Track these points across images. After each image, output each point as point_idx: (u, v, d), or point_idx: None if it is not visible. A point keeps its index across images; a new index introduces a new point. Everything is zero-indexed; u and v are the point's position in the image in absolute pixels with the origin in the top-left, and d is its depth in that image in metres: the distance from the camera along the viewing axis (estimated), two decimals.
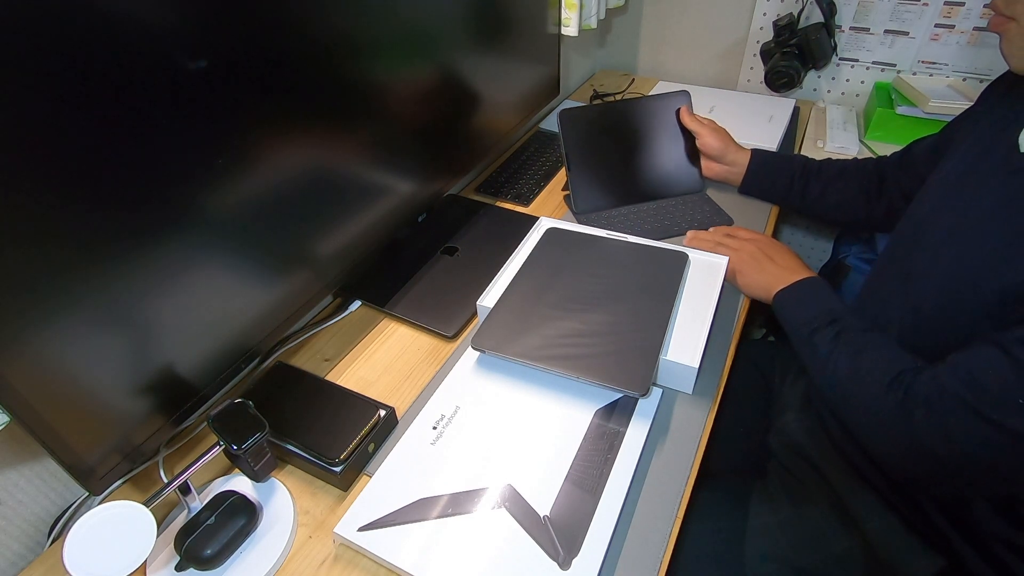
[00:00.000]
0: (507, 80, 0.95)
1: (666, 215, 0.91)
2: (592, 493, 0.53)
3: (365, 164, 0.70)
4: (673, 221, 0.89)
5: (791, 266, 0.74)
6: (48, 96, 0.38)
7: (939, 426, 0.50)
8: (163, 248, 0.48)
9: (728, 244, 0.80)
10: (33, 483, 0.56)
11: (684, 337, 0.65)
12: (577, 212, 0.92)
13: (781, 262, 0.74)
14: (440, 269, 0.83)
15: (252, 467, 0.55)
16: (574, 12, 1.08)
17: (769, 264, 0.74)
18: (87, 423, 0.47)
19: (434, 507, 0.53)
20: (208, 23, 0.47)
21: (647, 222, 0.89)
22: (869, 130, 1.14)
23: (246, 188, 0.55)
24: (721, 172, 0.95)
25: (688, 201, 0.94)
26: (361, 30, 0.63)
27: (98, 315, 0.45)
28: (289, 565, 0.53)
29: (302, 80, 0.57)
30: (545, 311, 0.67)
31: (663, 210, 0.92)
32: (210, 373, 0.57)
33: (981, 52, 1.15)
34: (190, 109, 0.47)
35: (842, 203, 0.87)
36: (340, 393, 0.64)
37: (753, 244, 0.78)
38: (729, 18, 1.33)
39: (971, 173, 0.61)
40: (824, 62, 1.24)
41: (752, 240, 0.79)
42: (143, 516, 0.46)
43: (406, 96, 0.74)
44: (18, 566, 0.56)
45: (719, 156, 0.93)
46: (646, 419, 0.60)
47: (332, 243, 0.68)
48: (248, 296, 0.59)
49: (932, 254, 0.60)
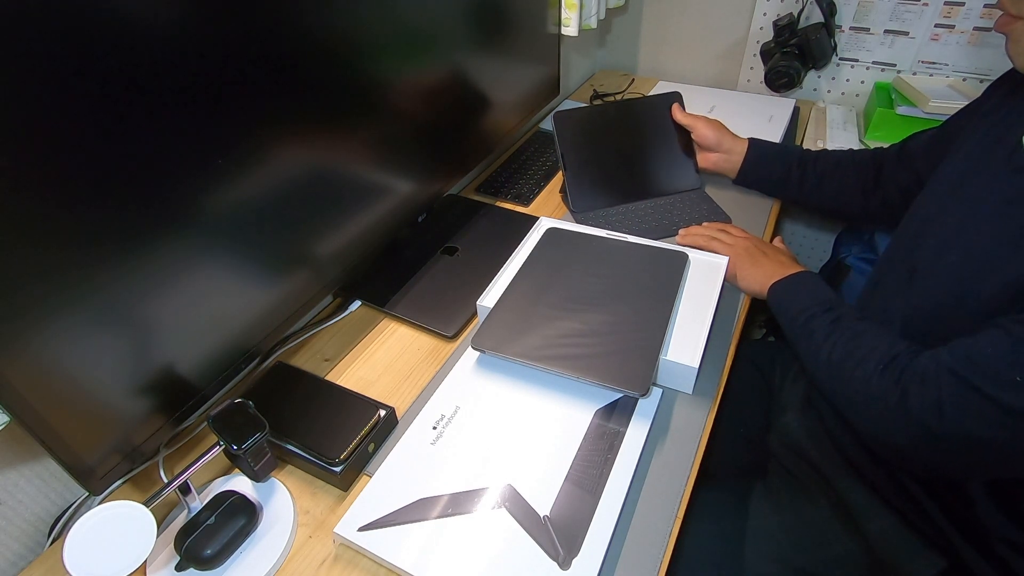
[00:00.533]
0: (507, 80, 0.95)
1: (664, 213, 0.91)
2: (592, 493, 0.53)
3: (365, 164, 0.70)
4: (671, 219, 0.89)
5: (785, 261, 0.75)
6: (48, 95, 0.38)
7: (933, 401, 0.50)
8: (163, 248, 0.48)
9: (722, 239, 0.80)
10: (33, 483, 0.56)
11: (684, 337, 0.65)
12: (574, 211, 0.92)
13: (775, 257, 0.75)
14: (440, 269, 0.83)
15: (252, 467, 0.55)
16: (574, 12, 1.08)
17: (763, 258, 0.75)
18: (87, 423, 0.47)
19: (434, 507, 0.53)
20: (210, 22, 0.47)
21: (645, 220, 0.89)
22: (869, 130, 1.14)
23: (246, 188, 0.55)
24: (718, 161, 0.94)
25: (686, 199, 0.94)
26: (361, 30, 0.63)
27: (98, 315, 0.45)
28: (289, 565, 0.53)
29: (302, 80, 0.57)
30: (545, 311, 0.67)
31: (660, 208, 0.92)
32: (210, 373, 0.57)
33: (981, 52, 1.15)
34: (190, 108, 0.47)
35: (839, 193, 0.87)
36: (340, 393, 0.64)
37: (747, 240, 0.79)
38: (729, 18, 1.33)
39: (975, 171, 0.61)
40: (824, 62, 1.24)
41: (746, 237, 0.80)
42: (143, 516, 0.46)
43: (406, 96, 0.74)
44: (18, 566, 0.56)
45: (715, 145, 0.93)
46: (646, 419, 0.60)
47: (332, 243, 0.68)
48: (248, 296, 0.59)
49: (936, 251, 0.60)
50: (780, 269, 0.72)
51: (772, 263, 0.74)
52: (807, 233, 1.48)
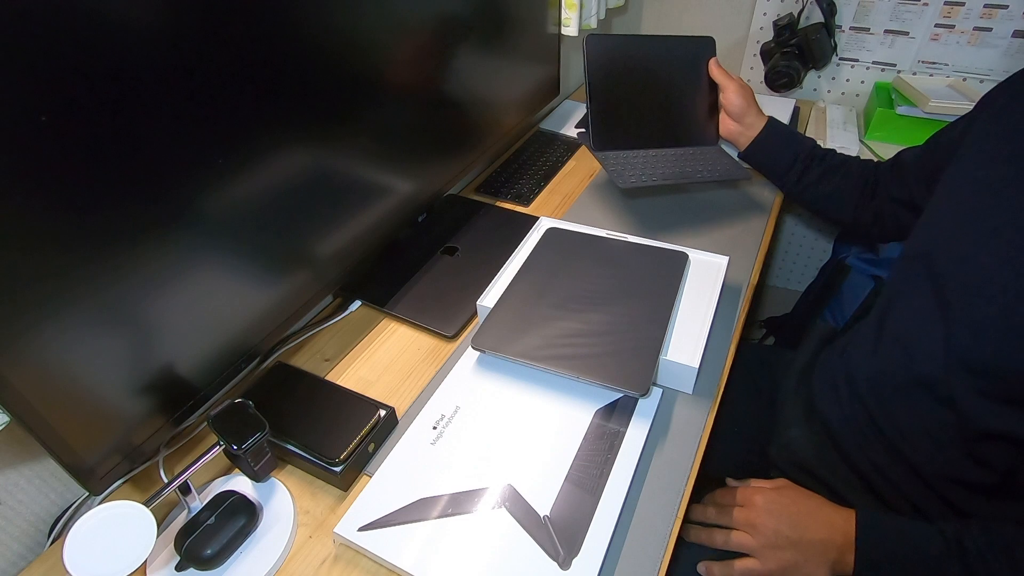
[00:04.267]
0: (507, 80, 0.95)
1: (686, 162, 0.87)
2: (592, 493, 0.53)
3: (365, 164, 0.70)
4: (694, 168, 0.86)
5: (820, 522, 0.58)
6: (47, 95, 0.38)
7: None
8: (163, 248, 0.48)
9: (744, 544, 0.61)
10: (33, 483, 0.56)
11: (684, 337, 0.65)
12: (595, 148, 0.87)
13: (808, 543, 0.58)
14: (440, 269, 0.83)
15: (252, 467, 0.55)
16: (574, 12, 1.08)
17: (799, 551, 0.58)
18: (87, 423, 0.47)
19: (434, 507, 0.53)
20: (211, 21, 0.47)
21: (668, 166, 0.85)
22: (869, 130, 1.14)
23: (246, 188, 0.55)
24: (735, 131, 0.91)
25: (704, 153, 0.91)
26: (362, 30, 0.63)
27: (98, 315, 0.45)
28: (289, 565, 0.53)
29: (302, 80, 0.57)
30: (545, 311, 0.67)
31: (682, 158, 0.88)
32: (210, 373, 0.57)
33: (981, 52, 1.15)
34: (191, 108, 0.47)
35: (834, 195, 0.86)
36: (340, 393, 0.64)
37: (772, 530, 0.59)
38: (729, 18, 1.33)
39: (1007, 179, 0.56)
40: (824, 62, 1.24)
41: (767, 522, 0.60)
42: (143, 516, 0.46)
43: (406, 96, 0.74)
44: (18, 566, 0.56)
45: (739, 115, 0.89)
46: (646, 419, 0.60)
47: (332, 243, 0.68)
48: (248, 296, 0.59)
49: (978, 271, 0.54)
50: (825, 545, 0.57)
51: (810, 546, 0.57)
52: (807, 233, 1.48)
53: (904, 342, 0.61)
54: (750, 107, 0.89)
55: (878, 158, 1.09)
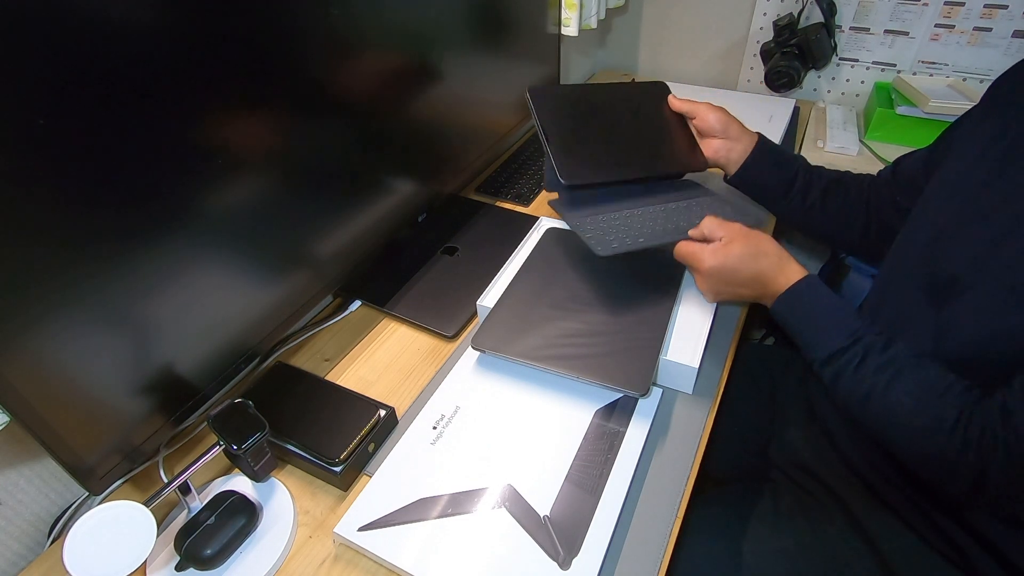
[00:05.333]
0: (507, 80, 0.95)
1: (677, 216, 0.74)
2: (592, 493, 0.53)
3: (365, 164, 0.70)
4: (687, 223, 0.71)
5: (767, 269, 0.62)
6: (46, 94, 0.38)
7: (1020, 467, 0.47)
8: (163, 248, 0.48)
9: (698, 267, 0.66)
10: (33, 483, 0.56)
11: (684, 337, 0.65)
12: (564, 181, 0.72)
13: (747, 277, 0.63)
14: (440, 269, 0.83)
15: (252, 467, 0.55)
16: (574, 12, 1.08)
17: (737, 287, 0.64)
18: (87, 423, 0.47)
19: (434, 507, 0.53)
20: (212, 20, 0.47)
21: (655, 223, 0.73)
22: (869, 130, 1.14)
23: (246, 188, 0.55)
24: (721, 148, 0.79)
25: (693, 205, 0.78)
26: (362, 30, 0.63)
27: (98, 315, 0.45)
28: (289, 565, 0.53)
29: (303, 80, 0.57)
30: (545, 311, 0.67)
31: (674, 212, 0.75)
32: (210, 373, 0.57)
33: (981, 52, 1.15)
34: (191, 108, 0.47)
35: (840, 212, 0.78)
36: (340, 393, 0.64)
37: (715, 262, 0.64)
38: (729, 18, 1.33)
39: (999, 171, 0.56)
40: (824, 62, 1.24)
41: (713, 257, 0.64)
42: (143, 516, 0.46)
43: (406, 96, 0.74)
44: (18, 566, 0.56)
45: (722, 130, 0.79)
46: (646, 419, 0.60)
47: (332, 243, 0.68)
48: (248, 296, 0.59)
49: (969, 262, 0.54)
50: (767, 285, 0.62)
51: (750, 289, 0.63)
52: None
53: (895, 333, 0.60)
54: (730, 121, 0.80)
55: (878, 158, 1.09)
